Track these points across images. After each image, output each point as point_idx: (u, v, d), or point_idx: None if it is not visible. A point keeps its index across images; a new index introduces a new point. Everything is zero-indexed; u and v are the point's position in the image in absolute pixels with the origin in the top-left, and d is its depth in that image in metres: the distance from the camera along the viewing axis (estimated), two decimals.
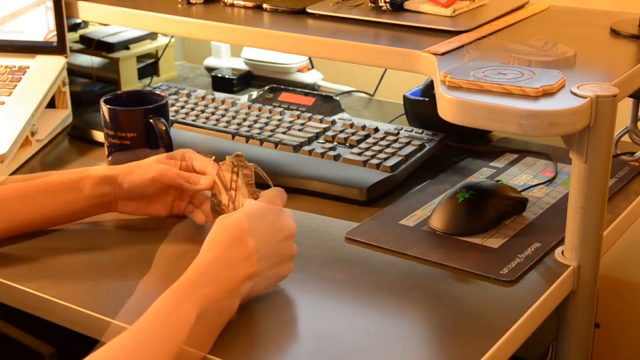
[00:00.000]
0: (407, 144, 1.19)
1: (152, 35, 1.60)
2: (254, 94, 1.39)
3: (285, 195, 0.90)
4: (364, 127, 1.24)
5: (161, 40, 1.61)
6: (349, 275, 0.93)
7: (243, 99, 1.37)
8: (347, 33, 1.13)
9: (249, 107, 1.33)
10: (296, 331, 0.84)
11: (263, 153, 1.18)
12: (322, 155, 1.17)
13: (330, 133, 1.23)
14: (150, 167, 0.99)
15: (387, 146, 1.18)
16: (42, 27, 1.36)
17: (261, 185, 1.01)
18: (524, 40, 1.06)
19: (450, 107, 0.90)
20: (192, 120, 1.30)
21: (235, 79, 1.57)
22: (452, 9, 1.16)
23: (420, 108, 1.28)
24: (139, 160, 1.00)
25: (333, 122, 1.26)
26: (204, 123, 1.28)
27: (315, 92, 1.36)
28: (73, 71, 1.53)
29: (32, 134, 1.25)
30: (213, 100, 1.36)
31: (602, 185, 0.90)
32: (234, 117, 1.30)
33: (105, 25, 1.58)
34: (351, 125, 1.25)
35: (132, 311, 0.86)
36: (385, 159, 1.15)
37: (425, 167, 1.17)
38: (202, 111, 1.33)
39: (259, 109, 1.32)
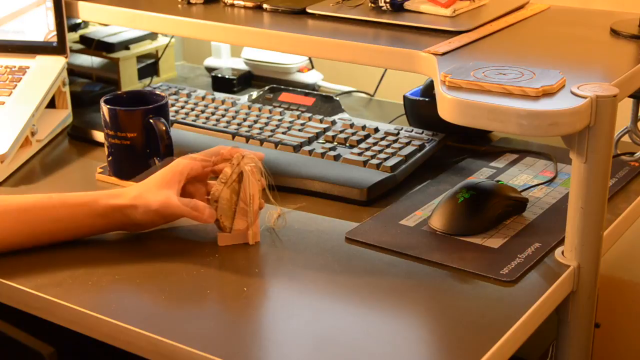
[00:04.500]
0: (407, 144, 1.19)
1: (152, 35, 1.60)
2: (254, 94, 1.39)
3: None
4: (364, 127, 1.24)
5: (161, 40, 1.61)
6: (349, 275, 0.93)
7: (243, 99, 1.37)
8: (347, 33, 1.13)
9: (249, 107, 1.33)
10: (296, 331, 0.84)
11: (263, 153, 1.17)
12: (322, 155, 1.17)
13: (330, 133, 1.23)
14: (152, 201, 0.97)
15: (387, 146, 1.18)
16: (42, 27, 1.36)
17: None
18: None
19: (450, 107, 0.90)
20: (192, 121, 1.30)
21: (235, 79, 1.57)
22: (452, 9, 1.16)
23: (420, 108, 1.28)
24: (142, 188, 0.98)
25: (333, 122, 1.26)
26: (204, 123, 1.28)
27: (315, 92, 1.36)
28: (73, 71, 1.53)
29: (32, 134, 1.25)
30: (213, 100, 1.36)
31: (602, 185, 0.90)
32: (234, 117, 1.30)
33: (105, 25, 1.58)
34: (351, 126, 1.25)
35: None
36: (386, 159, 1.15)
37: (425, 167, 1.17)
38: (202, 111, 1.33)
39: (259, 109, 1.32)
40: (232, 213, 0.99)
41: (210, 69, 1.65)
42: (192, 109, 1.34)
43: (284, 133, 1.24)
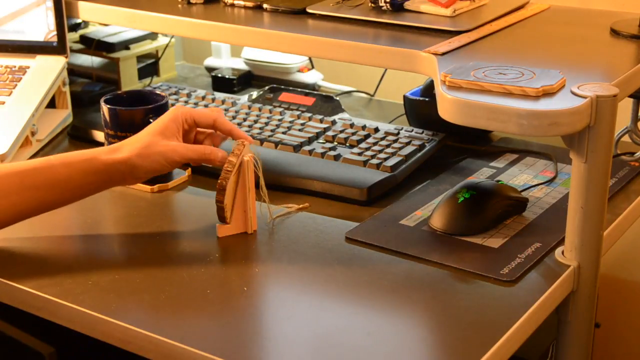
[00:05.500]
0: (407, 144, 1.19)
1: (152, 35, 1.60)
2: (254, 94, 1.39)
3: None
4: (364, 127, 1.24)
5: (161, 40, 1.61)
6: (349, 275, 0.93)
7: (243, 99, 1.37)
8: (347, 33, 1.13)
9: (249, 107, 1.33)
10: (296, 331, 0.84)
11: (263, 153, 1.17)
12: (323, 155, 1.17)
13: (330, 133, 1.23)
14: (161, 148, 0.97)
15: (387, 146, 1.18)
16: (42, 27, 1.36)
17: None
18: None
19: (450, 107, 0.90)
20: None
21: (235, 79, 1.57)
22: (452, 9, 1.16)
23: (420, 108, 1.28)
24: (143, 140, 0.98)
25: (333, 122, 1.26)
26: None
27: (315, 92, 1.36)
28: (73, 71, 1.53)
29: (32, 134, 1.25)
30: (213, 100, 1.36)
31: (602, 185, 0.90)
32: (234, 117, 1.30)
33: (105, 25, 1.58)
34: (351, 125, 1.24)
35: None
36: (386, 159, 1.15)
37: (425, 167, 1.17)
38: None
39: (259, 109, 1.32)
40: (231, 204, 0.99)
41: (210, 69, 1.65)
42: None
43: (284, 133, 1.24)
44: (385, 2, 1.18)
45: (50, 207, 0.97)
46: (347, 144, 1.20)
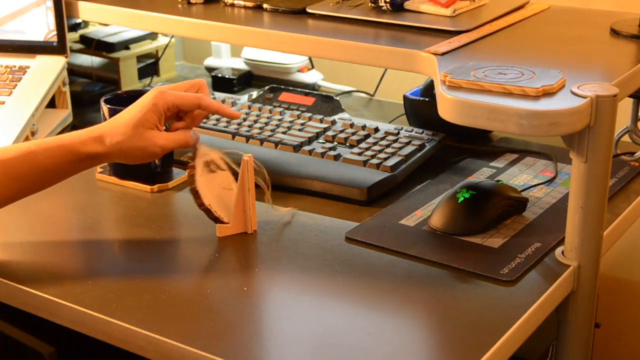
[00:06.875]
0: (407, 144, 1.19)
1: (152, 35, 1.60)
2: (254, 94, 1.39)
3: None
4: (364, 127, 1.24)
5: (161, 40, 1.61)
6: (349, 275, 0.93)
7: (243, 99, 1.37)
8: (347, 33, 1.13)
9: (249, 107, 1.33)
10: (296, 331, 0.84)
11: (263, 153, 1.18)
12: (322, 155, 1.17)
13: (330, 133, 1.23)
14: (141, 143, 0.97)
15: (387, 146, 1.18)
16: (42, 27, 1.36)
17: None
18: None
19: (450, 107, 0.90)
20: None
21: (235, 79, 1.57)
22: (452, 9, 1.16)
23: (420, 108, 1.28)
24: (124, 132, 0.97)
25: (333, 122, 1.26)
26: (204, 123, 1.28)
27: (315, 92, 1.36)
28: (73, 71, 1.53)
29: (32, 134, 1.25)
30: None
31: (602, 185, 0.90)
32: None
33: (105, 25, 1.58)
34: (351, 125, 1.25)
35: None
36: (386, 158, 1.15)
37: (425, 167, 1.17)
38: None
39: (259, 109, 1.32)
40: (215, 203, 0.99)
41: (210, 69, 1.65)
42: None
43: (284, 133, 1.24)
44: (385, 2, 1.18)
45: (32, 193, 0.98)
46: (347, 144, 1.20)
